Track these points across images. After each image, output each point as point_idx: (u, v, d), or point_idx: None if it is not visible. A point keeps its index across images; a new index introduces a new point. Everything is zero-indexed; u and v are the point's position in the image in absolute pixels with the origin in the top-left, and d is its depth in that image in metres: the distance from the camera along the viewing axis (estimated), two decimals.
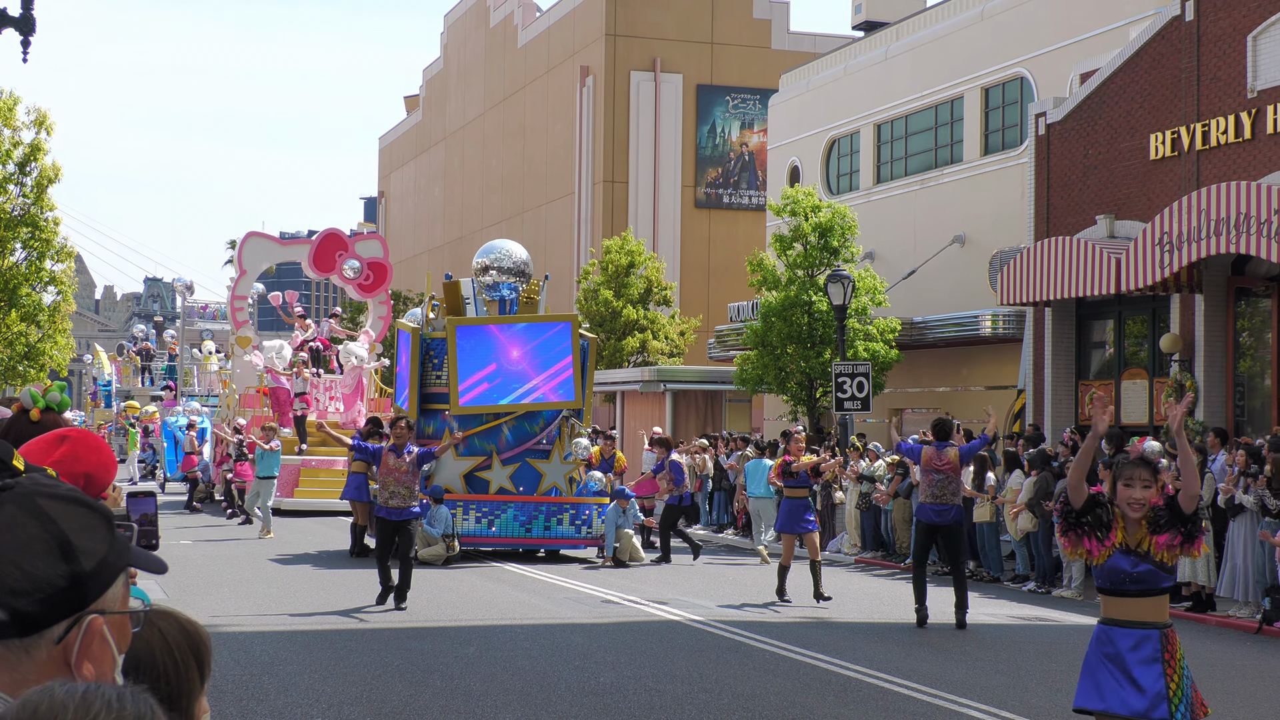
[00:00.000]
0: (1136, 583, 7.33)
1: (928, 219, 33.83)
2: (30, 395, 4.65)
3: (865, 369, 27.01)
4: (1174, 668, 7.23)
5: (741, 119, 51.11)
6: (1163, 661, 7.23)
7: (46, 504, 2.05)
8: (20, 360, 43.41)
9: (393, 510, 17.19)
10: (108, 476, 3.85)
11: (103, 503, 2.25)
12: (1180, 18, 23.63)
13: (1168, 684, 7.20)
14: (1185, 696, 7.21)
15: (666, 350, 42.59)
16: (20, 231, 42.44)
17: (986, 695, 12.16)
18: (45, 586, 1.99)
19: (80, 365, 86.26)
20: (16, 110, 42.24)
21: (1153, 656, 7.25)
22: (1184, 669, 7.28)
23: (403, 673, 12.68)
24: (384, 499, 17.30)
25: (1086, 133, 25.56)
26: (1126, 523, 7.37)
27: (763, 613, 17.35)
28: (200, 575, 20.08)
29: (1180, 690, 7.20)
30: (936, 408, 33.04)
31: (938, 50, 34.10)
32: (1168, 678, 7.20)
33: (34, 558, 1.99)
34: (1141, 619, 7.34)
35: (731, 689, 12.07)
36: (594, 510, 23.73)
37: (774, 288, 30.84)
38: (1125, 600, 7.40)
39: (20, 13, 16.32)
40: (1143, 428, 23.90)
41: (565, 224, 52.54)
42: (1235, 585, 17.81)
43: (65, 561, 2.01)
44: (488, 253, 24.99)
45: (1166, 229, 21.96)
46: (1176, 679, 7.21)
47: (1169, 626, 7.40)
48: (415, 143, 72.05)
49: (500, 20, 60.23)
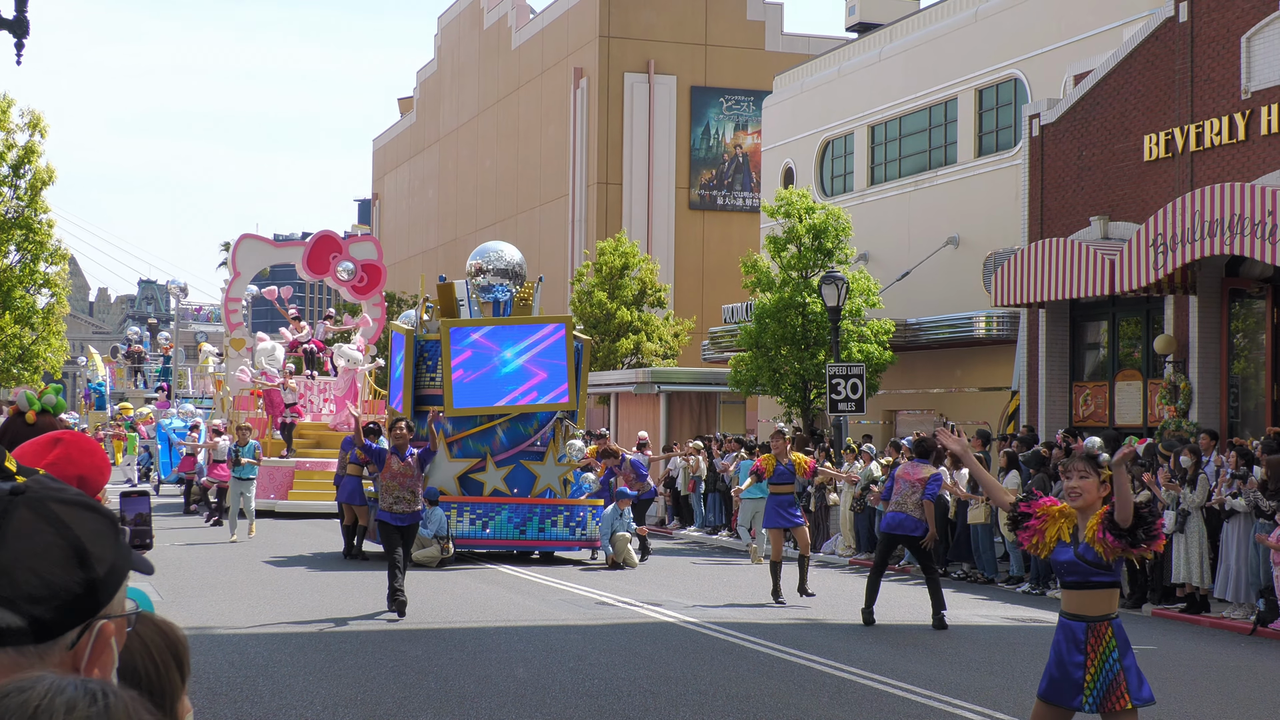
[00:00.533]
0: (1069, 573, 7.83)
1: (922, 220, 33.86)
2: (26, 397, 4.64)
3: (859, 371, 27.03)
4: (1094, 659, 7.70)
5: (735, 120, 51.13)
6: (1085, 653, 7.72)
7: (60, 510, 2.04)
8: (14, 363, 43.34)
9: (398, 515, 16.84)
10: (101, 480, 3.84)
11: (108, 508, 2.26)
12: (1174, 19, 23.66)
13: (1085, 674, 7.71)
14: (1099, 687, 7.68)
15: (661, 352, 42.60)
16: (14, 234, 42.36)
17: (980, 696, 12.16)
18: (63, 594, 1.98)
19: (74, 367, 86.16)
20: (10, 113, 42.17)
21: (1079, 648, 7.74)
22: (1108, 660, 7.70)
23: (397, 675, 12.67)
24: (388, 503, 16.82)
25: (1080, 134, 25.59)
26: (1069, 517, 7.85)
27: (756, 614, 17.35)
28: (194, 577, 20.06)
29: (1095, 680, 7.69)
30: (931, 409, 33.07)
31: (931, 52, 34.13)
32: (1086, 668, 7.71)
33: (52, 565, 1.99)
34: (1079, 612, 7.79)
35: (725, 690, 12.07)
36: (588, 512, 23.73)
37: (768, 289, 30.85)
38: (1067, 593, 7.93)
39: (14, 15, 16.30)
40: (1137, 429, 23.93)
41: (559, 226, 52.54)
42: (1229, 587, 17.83)
43: (81, 569, 2.00)
44: (482, 254, 24.99)
45: (1160, 230, 21.98)
46: (1094, 669, 7.69)
47: (1103, 620, 7.75)
48: (409, 145, 72.03)
49: (494, 22, 60.23)
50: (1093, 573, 7.75)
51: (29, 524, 2.01)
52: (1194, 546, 18.19)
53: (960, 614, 18.30)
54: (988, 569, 22.02)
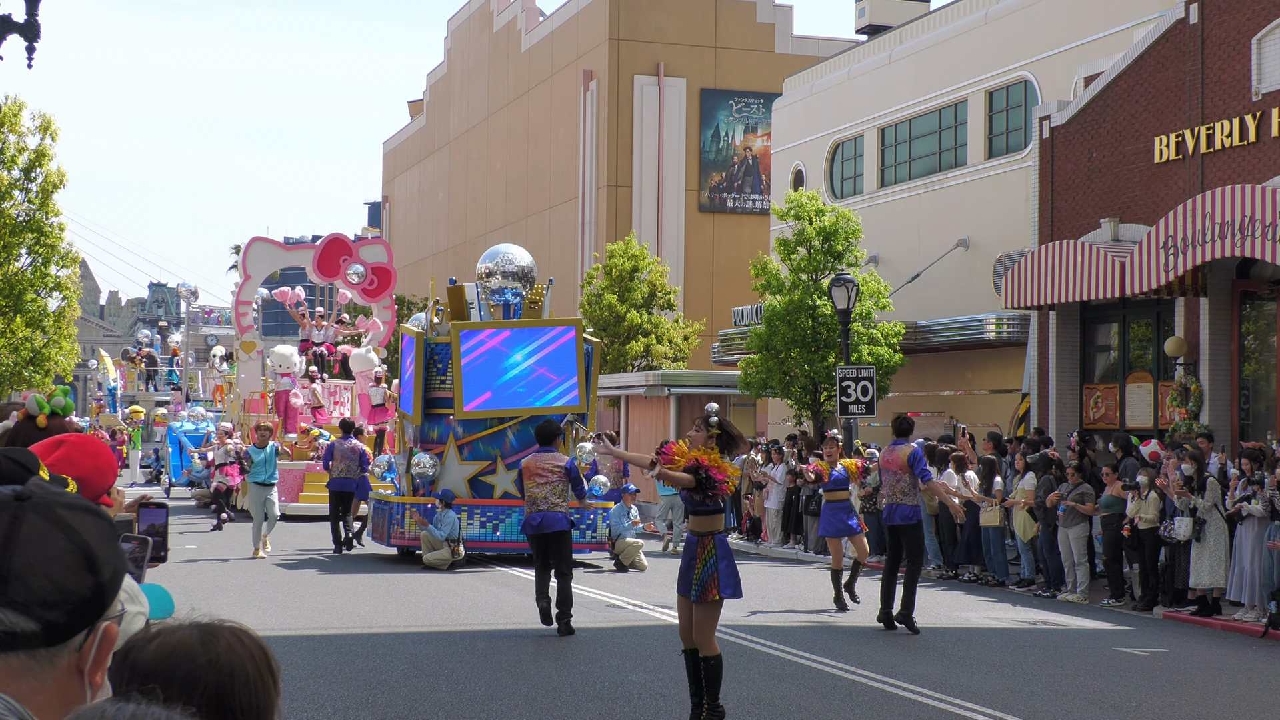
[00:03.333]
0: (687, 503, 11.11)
1: (932, 223, 33.83)
2: (36, 401, 4.65)
3: (869, 373, 27.00)
4: (699, 561, 10.82)
5: (745, 123, 51.12)
6: (696, 556, 10.86)
7: (66, 514, 2.09)
8: (26, 366, 43.41)
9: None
10: (104, 481, 3.84)
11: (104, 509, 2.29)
12: (1184, 20, 23.63)
13: (693, 572, 10.85)
14: (702, 581, 10.76)
15: (670, 354, 42.58)
16: (25, 237, 42.42)
17: (992, 699, 12.15)
18: (74, 598, 2.03)
19: (85, 370, 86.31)
20: (22, 116, 42.24)
21: (693, 554, 10.92)
22: (706, 563, 10.78)
23: (408, 677, 12.69)
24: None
25: (1091, 136, 25.55)
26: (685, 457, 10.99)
27: (767, 617, 17.34)
28: (205, 580, 20.09)
29: (699, 576, 10.78)
30: (941, 411, 33.03)
31: (941, 54, 34.10)
32: (694, 568, 10.84)
33: (64, 570, 2.03)
34: (693, 529, 11.07)
35: (736, 693, 12.06)
36: (599, 515, 23.73)
37: (778, 292, 30.83)
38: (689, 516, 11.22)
39: (25, 18, 16.34)
40: (1147, 431, 23.88)
41: (569, 228, 52.56)
42: (1242, 589, 17.79)
43: (91, 573, 2.05)
44: (492, 257, 25.00)
45: (1171, 232, 21.94)
46: (699, 568, 10.80)
47: (709, 535, 10.92)
48: (419, 147, 72.09)
49: (504, 24, 60.26)
50: (693, 506, 10.97)
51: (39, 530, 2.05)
52: (1216, 550, 18.11)
53: (971, 616, 18.30)
54: (999, 571, 22.00)
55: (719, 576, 10.71)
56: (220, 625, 2.20)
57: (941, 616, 18.06)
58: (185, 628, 2.17)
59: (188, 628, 2.17)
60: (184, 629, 2.17)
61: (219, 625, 2.19)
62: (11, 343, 42.81)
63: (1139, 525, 19.09)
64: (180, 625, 2.17)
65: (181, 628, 2.17)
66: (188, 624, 2.18)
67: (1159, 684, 13.51)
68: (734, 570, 10.94)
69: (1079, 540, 20.35)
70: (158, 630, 2.16)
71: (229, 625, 2.20)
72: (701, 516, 10.94)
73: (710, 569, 10.72)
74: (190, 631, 2.16)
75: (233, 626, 2.20)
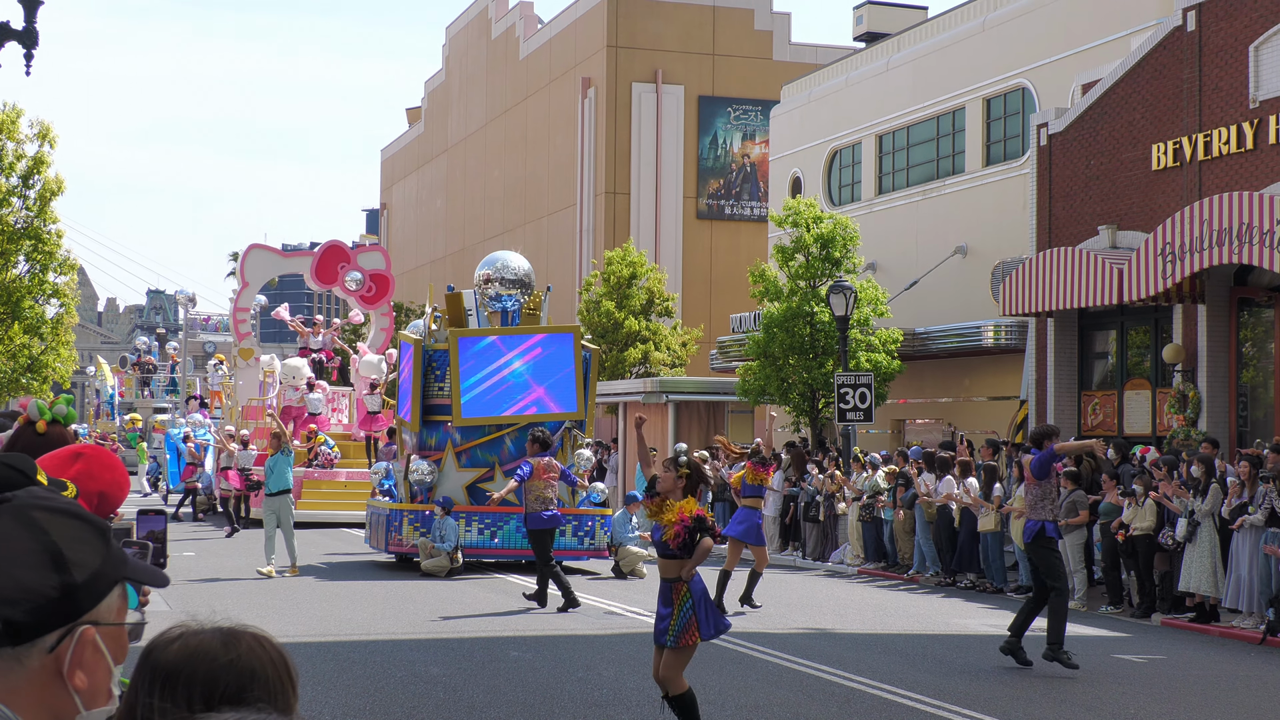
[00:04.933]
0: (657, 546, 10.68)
1: (929, 230, 33.85)
2: (37, 407, 4.65)
3: (868, 380, 27.02)
4: (675, 609, 10.43)
5: (743, 130, 51.15)
6: (671, 603, 10.47)
7: (40, 516, 2.09)
8: (24, 372, 43.42)
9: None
10: (121, 495, 3.86)
11: (98, 517, 2.29)
12: (1182, 28, 23.66)
13: (668, 621, 10.45)
14: (680, 627, 10.39)
15: (669, 361, 42.57)
16: (23, 244, 42.44)
17: (990, 706, 12.15)
18: (37, 596, 2.03)
19: (83, 377, 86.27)
20: (19, 123, 42.28)
21: (665, 600, 10.55)
22: (683, 607, 10.41)
23: (405, 684, 12.68)
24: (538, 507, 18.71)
25: (1088, 143, 25.58)
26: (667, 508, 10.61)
27: (765, 623, 17.33)
28: (202, 587, 20.08)
29: (677, 623, 10.39)
30: (939, 418, 33.06)
31: (939, 61, 34.14)
32: (669, 617, 10.45)
33: (27, 568, 2.03)
34: (664, 575, 10.62)
35: (734, 700, 12.06)
36: (597, 522, 23.72)
37: (776, 299, 30.84)
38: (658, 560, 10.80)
39: (23, 26, 16.34)
40: (1146, 438, 23.89)
41: (567, 235, 52.57)
42: (1240, 596, 17.79)
43: (57, 572, 2.05)
44: (490, 264, 25.00)
45: (1168, 239, 21.96)
46: (675, 615, 10.41)
47: (679, 580, 10.48)
48: (417, 154, 72.11)
49: (502, 32, 60.30)
50: (665, 550, 10.54)
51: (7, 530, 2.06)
52: (1205, 556, 18.14)
53: (969, 624, 18.29)
54: (996, 578, 21.99)
55: (698, 620, 10.42)
56: (243, 629, 2.21)
57: (939, 623, 18.06)
58: (208, 630, 2.18)
59: (210, 630, 2.18)
60: (206, 631, 2.18)
61: (241, 629, 2.21)
62: (9, 349, 42.82)
63: (1133, 533, 19.10)
64: (203, 628, 2.19)
65: (204, 630, 2.18)
66: (210, 627, 2.19)
67: (1157, 691, 13.52)
68: (712, 609, 10.63)
69: (1076, 547, 20.35)
70: (180, 632, 2.17)
71: (251, 630, 2.22)
72: (672, 561, 10.55)
73: (687, 613, 10.41)
74: (213, 634, 2.17)
75: (254, 631, 2.22)
